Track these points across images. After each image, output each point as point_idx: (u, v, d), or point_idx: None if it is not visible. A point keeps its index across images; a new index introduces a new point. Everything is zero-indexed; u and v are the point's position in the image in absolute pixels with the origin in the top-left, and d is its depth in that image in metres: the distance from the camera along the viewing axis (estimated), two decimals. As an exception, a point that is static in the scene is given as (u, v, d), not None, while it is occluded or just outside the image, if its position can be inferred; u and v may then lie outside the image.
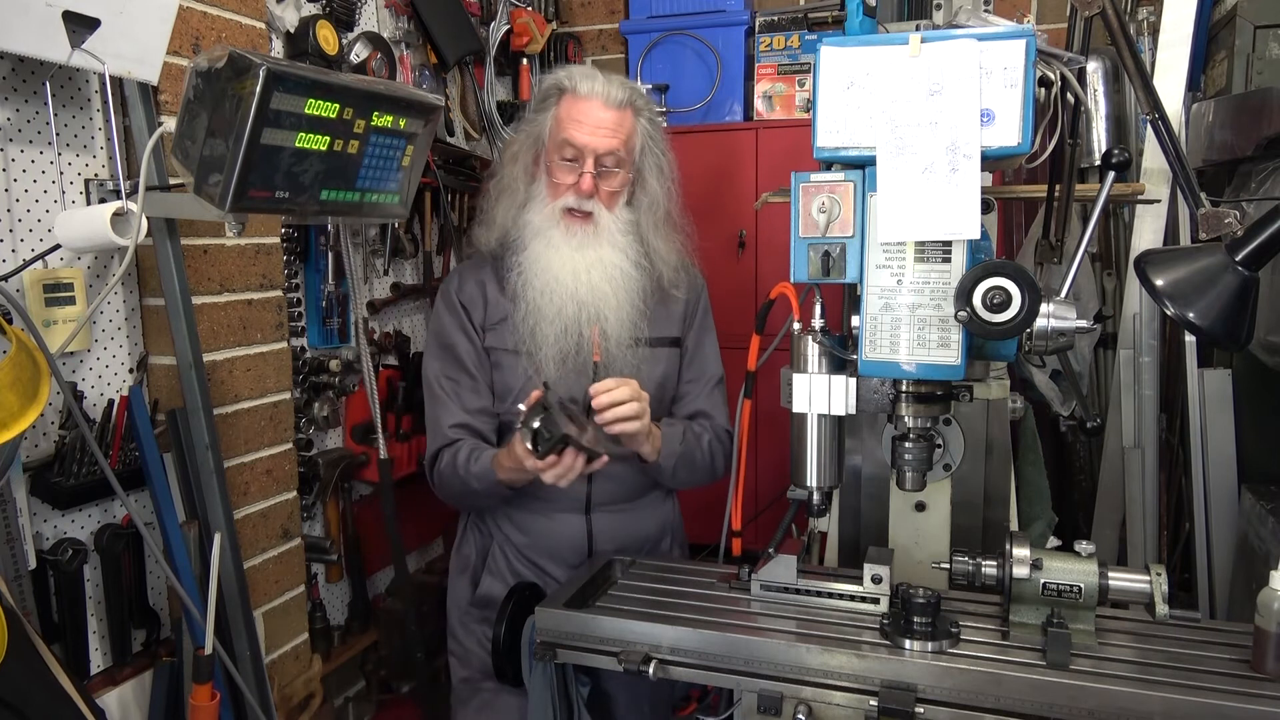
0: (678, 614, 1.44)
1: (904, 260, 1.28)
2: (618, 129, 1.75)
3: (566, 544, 1.83)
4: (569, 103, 1.76)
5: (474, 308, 1.83)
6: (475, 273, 1.87)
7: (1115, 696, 1.18)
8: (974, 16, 1.42)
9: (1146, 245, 2.56)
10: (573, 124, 1.74)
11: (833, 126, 1.27)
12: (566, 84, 1.77)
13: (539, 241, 1.77)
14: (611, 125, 1.75)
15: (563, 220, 1.76)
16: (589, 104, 1.74)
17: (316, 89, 1.28)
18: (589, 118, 1.74)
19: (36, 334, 1.25)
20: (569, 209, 1.76)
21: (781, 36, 3.00)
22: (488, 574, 1.87)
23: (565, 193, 1.76)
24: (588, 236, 1.76)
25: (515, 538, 1.85)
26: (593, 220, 1.76)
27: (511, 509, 1.85)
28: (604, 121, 1.74)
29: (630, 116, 1.78)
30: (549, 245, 1.76)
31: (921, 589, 1.36)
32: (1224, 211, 1.29)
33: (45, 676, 1.31)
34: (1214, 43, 2.59)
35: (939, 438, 1.61)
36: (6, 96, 1.44)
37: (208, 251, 1.75)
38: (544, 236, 1.77)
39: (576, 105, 1.75)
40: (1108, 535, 2.67)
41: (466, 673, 1.89)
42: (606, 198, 1.77)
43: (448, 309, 1.85)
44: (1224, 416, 2.32)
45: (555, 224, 1.76)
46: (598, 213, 1.76)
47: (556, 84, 1.79)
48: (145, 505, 1.66)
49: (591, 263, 1.76)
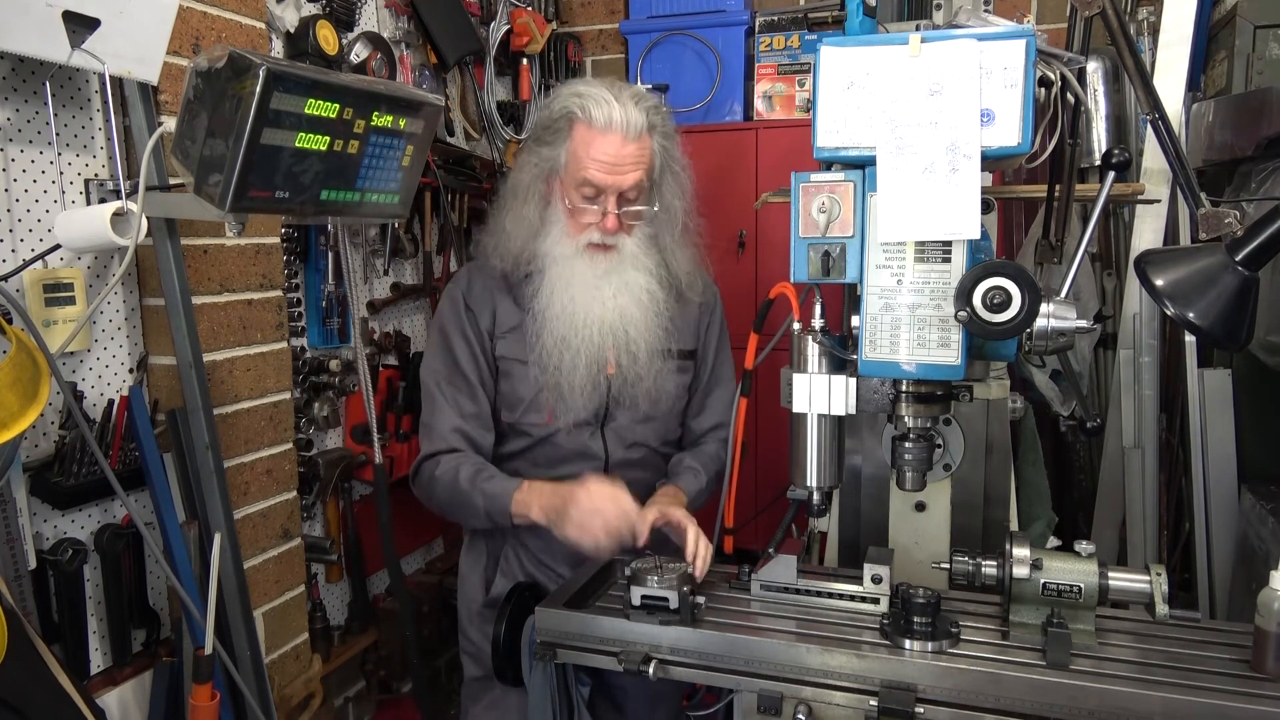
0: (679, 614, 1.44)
1: (904, 260, 1.28)
2: (639, 161, 1.67)
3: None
4: (585, 136, 1.65)
5: (482, 312, 1.79)
6: (485, 278, 1.82)
7: (1115, 696, 1.18)
8: (974, 16, 1.41)
9: (1146, 245, 2.56)
10: (593, 164, 1.65)
11: (833, 126, 1.27)
12: (579, 114, 1.66)
13: (561, 269, 1.73)
14: (633, 159, 1.66)
15: (585, 252, 1.72)
16: (608, 140, 1.64)
17: (316, 89, 1.28)
18: (609, 155, 1.64)
19: (36, 334, 1.25)
20: (592, 243, 1.72)
21: (781, 36, 3.00)
22: (501, 575, 1.86)
23: (588, 230, 1.71)
24: (612, 264, 1.73)
25: (529, 540, 1.84)
26: (616, 250, 1.73)
27: None
28: (626, 158, 1.65)
29: (649, 140, 1.69)
30: (573, 275, 1.72)
31: (921, 589, 1.36)
32: (1224, 211, 1.29)
33: (45, 676, 1.31)
34: (1214, 43, 2.59)
35: (939, 438, 1.61)
36: (6, 96, 1.44)
37: (208, 251, 1.75)
38: (566, 265, 1.73)
39: (594, 142, 1.65)
40: (1108, 535, 2.67)
41: (480, 671, 1.89)
42: (629, 230, 1.74)
43: (453, 310, 1.81)
44: (1224, 416, 2.32)
45: (578, 256, 1.72)
46: (621, 244, 1.73)
47: (568, 113, 1.68)
48: (145, 505, 1.66)
49: (617, 288, 1.73)
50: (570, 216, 1.72)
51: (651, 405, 1.81)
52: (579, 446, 1.78)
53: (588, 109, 1.65)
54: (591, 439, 1.79)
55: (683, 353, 1.87)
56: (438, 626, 2.54)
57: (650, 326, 1.75)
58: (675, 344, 1.83)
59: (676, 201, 1.80)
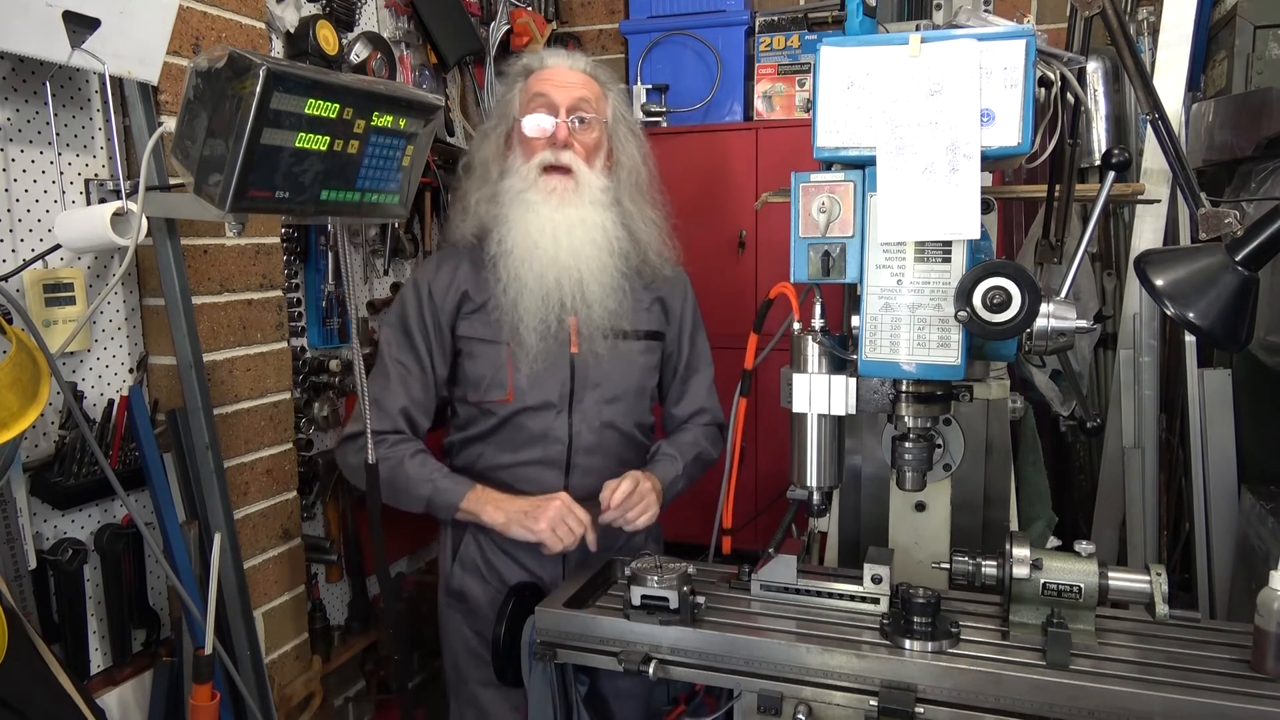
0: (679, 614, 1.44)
1: (904, 260, 1.28)
2: (586, 88, 1.79)
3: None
4: (535, 75, 1.81)
5: (444, 298, 1.80)
6: (452, 260, 1.84)
7: (1115, 696, 1.19)
8: (974, 16, 1.41)
9: (1146, 245, 2.56)
10: (542, 83, 1.78)
11: (833, 126, 1.27)
12: (534, 63, 1.83)
13: (518, 207, 1.75)
14: (580, 84, 1.79)
15: (541, 179, 1.74)
16: (555, 69, 1.80)
17: (316, 89, 1.28)
18: (557, 76, 1.79)
19: (36, 334, 1.25)
20: (547, 166, 1.75)
21: (781, 36, 3.00)
22: (459, 566, 1.87)
23: (541, 149, 1.75)
24: (568, 193, 1.74)
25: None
26: (573, 177, 1.75)
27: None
28: (572, 79, 1.79)
29: (598, 85, 1.82)
30: (528, 209, 1.74)
31: (921, 589, 1.36)
32: (1224, 211, 1.29)
33: (45, 676, 1.31)
34: (1214, 43, 2.59)
35: (939, 438, 1.61)
36: (6, 96, 1.44)
37: (208, 251, 1.75)
38: (522, 201, 1.75)
39: (543, 74, 1.80)
40: (1108, 535, 2.66)
41: (449, 666, 1.92)
42: (583, 152, 1.77)
43: (415, 296, 1.83)
44: (1224, 416, 2.32)
45: (533, 185, 1.75)
46: (576, 168, 1.75)
47: (523, 65, 1.84)
48: (145, 505, 1.66)
49: (573, 222, 1.74)
50: (524, 146, 1.77)
51: (620, 382, 1.81)
52: (543, 429, 1.78)
53: (540, 57, 1.85)
54: (557, 420, 1.78)
55: (649, 333, 1.88)
56: (438, 626, 2.53)
57: (606, 270, 1.75)
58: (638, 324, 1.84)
59: (635, 152, 1.85)
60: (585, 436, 1.80)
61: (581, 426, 1.80)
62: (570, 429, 1.79)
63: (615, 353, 1.80)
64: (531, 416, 1.78)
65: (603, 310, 1.76)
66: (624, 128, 1.85)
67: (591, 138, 1.78)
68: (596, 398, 1.81)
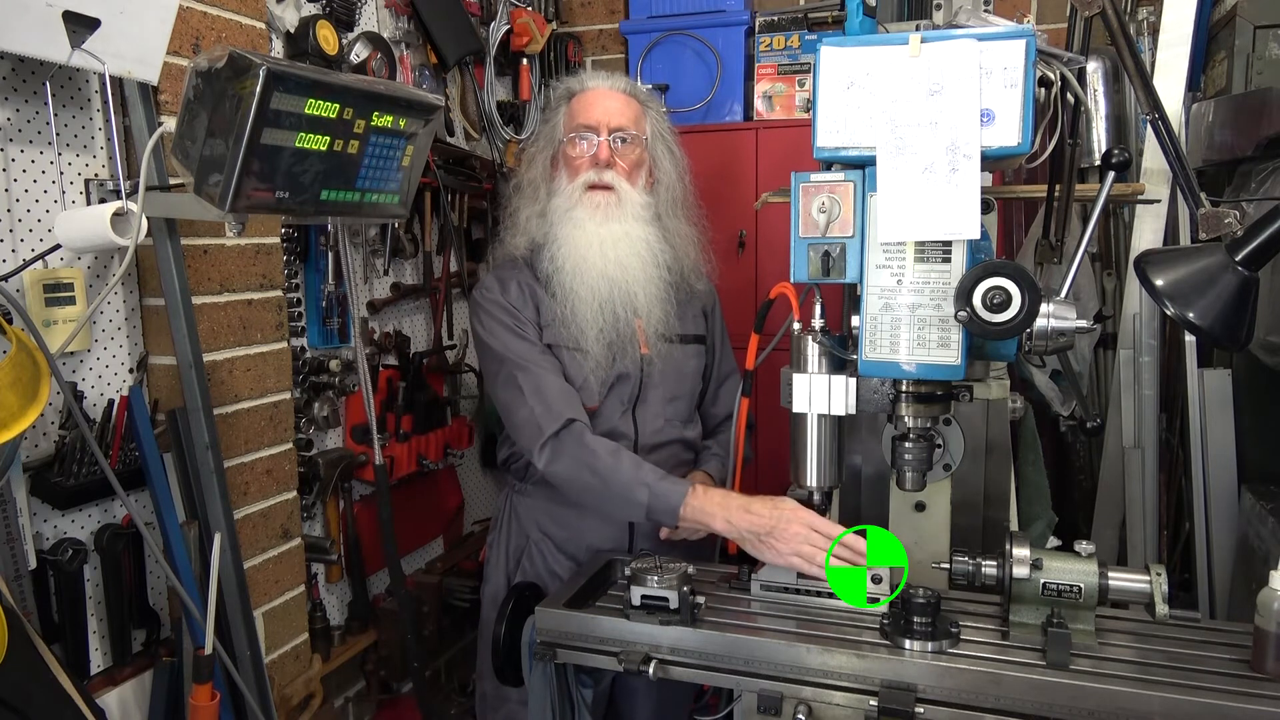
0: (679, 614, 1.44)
1: (904, 260, 1.28)
2: (626, 109, 1.85)
3: (610, 539, 1.84)
4: (577, 99, 1.87)
5: (524, 308, 1.83)
6: (514, 274, 1.87)
7: (1115, 696, 1.18)
8: (974, 16, 1.42)
9: (1146, 245, 2.56)
10: (584, 110, 1.84)
11: (833, 126, 1.27)
12: (575, 86, 1.90)
13: (566, 225, 1.81)
14: (621, 105, 1.85)
15: (585, 197, 1.80)
16: (597, 93, 1.86)
17: (316, 89, 1.28)
18: (598, 102, 1.84)
19: (36, 334, 1.25)
20: (591, 184, 1.80)
21: (781, 36, 3.00)
22: (521, 575, 1.88)
23: (584, 169, 1.81)
24: (611, 208, 1.80)
25: (553, 532, 1.86)
26: (615, 193, 1.80)
27: (553, 504, 1.85)
28: (613, 103, 1.85)
29: (638, 105, 1.88)
30: (575, 225, 1.80)
31: (921, 589, 1.36)
32: (1224, 211, 1.29)
33: (45, 676, 1.31)
34: (1214, 43, 2.59)
35: (939, 438, 1.61)
36: (6, 96, 1.44)
37: (208, 251, 1.75)
38: (570, 219, 1.81)
39: (585, 96, 1.87)
40: (1108, 535, 2.67)
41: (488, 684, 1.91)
42: (624, 171, 1.82)
43: (501, 312, 1.80)
44: (1224, 416, 2.32)
45: (579, 203, 1.81)
46: (619, 185, 1.81)
47: (566, 89, 1.91)
48: (145, 505, 1.66)
49: (618, 237, 1.79)
50: (569, 166, 1.83)
51: (677, 383, 1.88)
52: (610, 428, 1.81)
53: (581, 81, 1.91)
54: (623, 420, 1.83)
55: (696, 338, 1.95)
56: (438, 626, 2.54)
57: (651, 282, 1.81)
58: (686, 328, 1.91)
59: (672, 170, 1.91)
60: (648, 435, 1.84)
61: (645, 425, 1.84)
62: (635, 427, 1.84)
63: (672, 355, 1.87)
64: (602, 417, 1.81)
65: (661, 315, 1.83)
66: (663, 145, 1.91)
67: (633, 156, 1.85)
68: (659, 397, 1.87)
